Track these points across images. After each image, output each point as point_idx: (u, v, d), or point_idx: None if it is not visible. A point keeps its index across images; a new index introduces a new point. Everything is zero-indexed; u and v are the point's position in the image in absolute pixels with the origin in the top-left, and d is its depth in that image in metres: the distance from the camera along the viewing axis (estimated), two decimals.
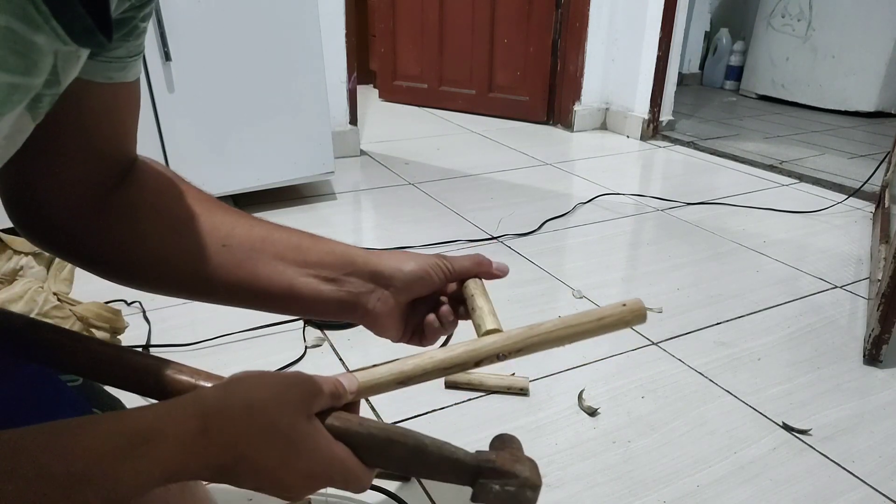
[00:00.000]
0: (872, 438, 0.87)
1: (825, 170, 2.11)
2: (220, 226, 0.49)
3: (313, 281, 0.50)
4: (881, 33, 2.86)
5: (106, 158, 0.46)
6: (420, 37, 2.94)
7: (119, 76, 0.42)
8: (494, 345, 0.51)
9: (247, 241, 0.49)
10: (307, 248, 0.51)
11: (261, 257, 0.49)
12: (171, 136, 1.44)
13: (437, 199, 1.79)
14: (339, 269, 0.50)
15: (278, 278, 0.49)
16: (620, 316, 0.52)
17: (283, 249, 0.49)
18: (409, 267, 0.51)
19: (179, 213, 0.48)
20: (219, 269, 0.48)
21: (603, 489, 0.77)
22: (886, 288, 1.00)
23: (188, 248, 0.47)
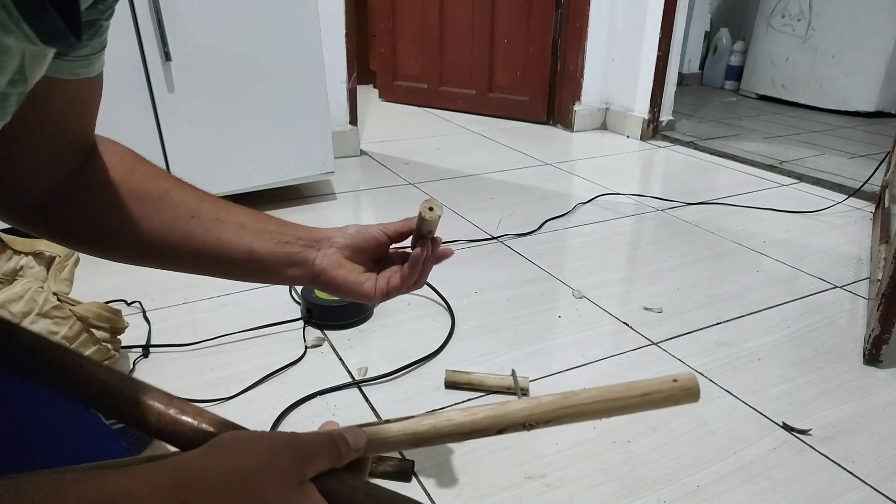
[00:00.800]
0: (872, 438, 0.87)
1: (825, 170, 2.11)
2: (188, 200, 0.53)
3: (269, 244, 0.55)
4: (881, 33, 2.86)
5: (70, 143, 0.48)
6: (420, 37, 2.94)
7: (84, 72, 0.43)
8: (521, 412, 0.45)
9: (213, 212, 0.53)
10: (265, 219, 0.57)
11: (225, 226, 0.54)
12: (171, 136, 1.44)
13: (437, 199, 1.79)
14: (290, 235, 0.57)
15: (240, 242, 0.54)
16: (669, 393, 0.45)
17: (244, 219, 0.55)
18: (349, 230, 0.59)
19: (148, 190, 0.51)
20: (188, 238, 0.52)
21: (603, 489, 0.77)
22: (886, 288, 1.00)
23: (159, 221, 0.51)
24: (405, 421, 0.47)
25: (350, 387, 0.95)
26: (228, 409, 0.89)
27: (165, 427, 0.41)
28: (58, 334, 0.85)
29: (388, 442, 0.46)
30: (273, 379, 0.97)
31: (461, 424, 0.46)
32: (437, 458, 0.81)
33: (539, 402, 0.46)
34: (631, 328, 1.14)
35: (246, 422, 0.53)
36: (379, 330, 1.12)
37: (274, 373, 0.98)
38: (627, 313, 1.19)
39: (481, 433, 0.46)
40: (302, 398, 0.91)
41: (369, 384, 0.96)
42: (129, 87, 1.36)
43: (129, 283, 1.22)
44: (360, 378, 0.97)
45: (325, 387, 0.94)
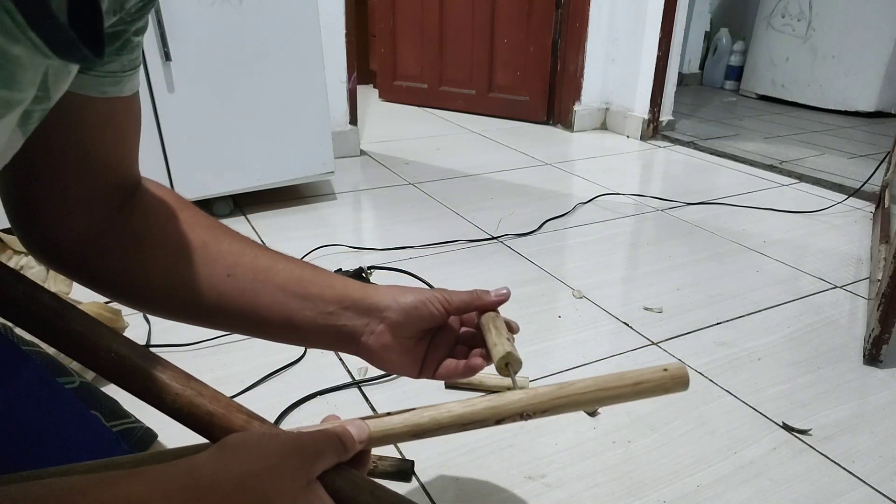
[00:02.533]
0: (872, 438, 0.87)
1: (825, 170, 2.11)
2: (226, 255, 0.49)
3: (310, 314, 0.50)
4: (881, 33, 2.86)
5: (106, 178, 0.46)
6: (420, 37, 2.94)
7: (114, 91, 0.42)
8: (519, 402, 0.47)
9: (251, 271, 0.49)
10: (308, 281, 0.51)
11: (263, 288, 0.49)
12: (171, 136, 1.44)
13: (437, 199, 1.79)
14: (335, 303, 0.51)
15: (279, 309, 0.49)
16: (660, 382, 0.48)
17: (285, 281, 0.50)
18: (405, 299, 0.51)
19: (186, 242, 0.48)
20: (222, 298, 0.48)
21: (603, 489, 0.77)
22: (886, 288, 1.00)
23: (194, 278, 0.48)
24: (406, 413, 0.48)
25: (350, 387, 0.95)
26: None
27: (182, 408, 0.42)
28: None
29: (390, 434, 0.47)
30: (273, 379, 0.97)
31: (461, 415, 0.48)
32: (437, 458, 0.81)
33: (536, 392, 0.47)
34: (631, 328, 1.14)
35: None
36: None
37: (274, 373, 0.98)
38: (627, 313, 1.19)
39: (481, 423, 0.48)
40: (302, 398, 0.91)
41: (369, 384, 0.96)
42: None
43: None
44: (361, 378, 0.97)
45: (326, 387, 0.94)
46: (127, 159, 0.48)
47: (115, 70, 0.41)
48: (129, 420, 0.49)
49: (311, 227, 1.57)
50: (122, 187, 0.47)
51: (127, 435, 0.48)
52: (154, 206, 0.49)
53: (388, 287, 0.53)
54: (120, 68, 0.41)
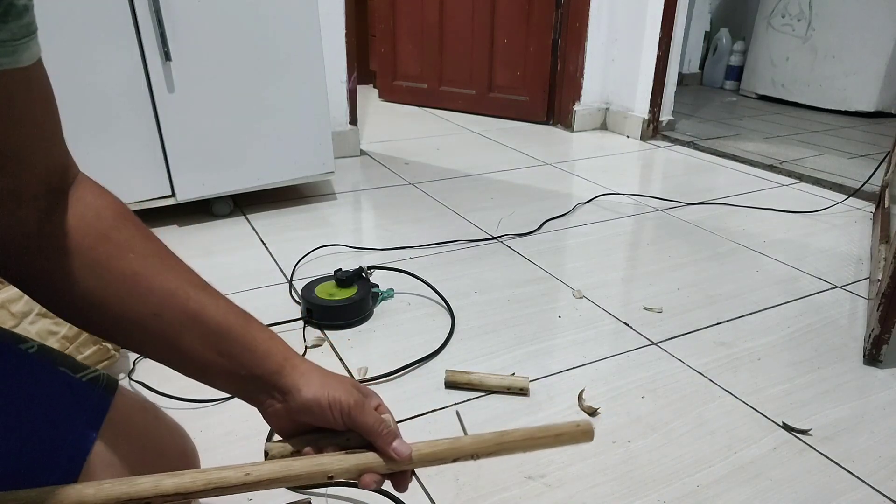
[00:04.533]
0: (872, 438, 0.87)
1: (825, 170, 2.11)
2: (156, 291, 0.47)
3: (223, 369, 0.50)
4: (881, 33, 2.86)
5: (26, 167, 0.43)
6: (420, 37, 2.94)
7: (8, 62, 0.39)
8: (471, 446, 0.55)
9: (179, 314, 0.48)
10: (231, 339, 0.50)
11: (187, 334, 0.48)
12: (171, 136, 1.44)
13: (437, 199, 1.79)
14: (249, 368, 0.51)
15: (195, 356, 0.49)
16: (572, 434, 0.60)
17: (209, 332, 0.49)
18: (309, 393, 0.51)
19: (116, 270, 0.46)
20: (145, 334, 0.48)
21: (603, 489, 0.77)
22: (886, 288, 1.00)
23: (118, 309, 0.46)
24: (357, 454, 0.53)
25: None
26: (228, 408, 0.89)
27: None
28: (58, 334, 0.85)
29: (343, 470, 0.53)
30: None
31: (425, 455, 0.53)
32: None
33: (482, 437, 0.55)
34: (631, 328, 1.14)
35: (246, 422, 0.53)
36: (379, 330, 1.12)
37: None
38: (627, 313, 1.19)
39: (440, 461, 0.54)
40: None
41: (369, 384, 0.96)
42: (129, 87, 1.36)
43: None
44: (361, 378, 0.97)
45: None
46: (45, 144, 0.44)
47: (5, 39, 0.38)
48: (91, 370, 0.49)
49: (311, 227, 1.57)
50: (48, 179, 0.44)
51: (95, 382, 0.48)
52: (87, 221, 0.46)
53: (307, 369, 0.53)
54: (10, 36, 0.38)
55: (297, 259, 1.37)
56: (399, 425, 0.87)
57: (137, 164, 1.42)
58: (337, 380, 0.53)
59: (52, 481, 0.42)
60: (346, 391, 0.52)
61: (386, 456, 0.52)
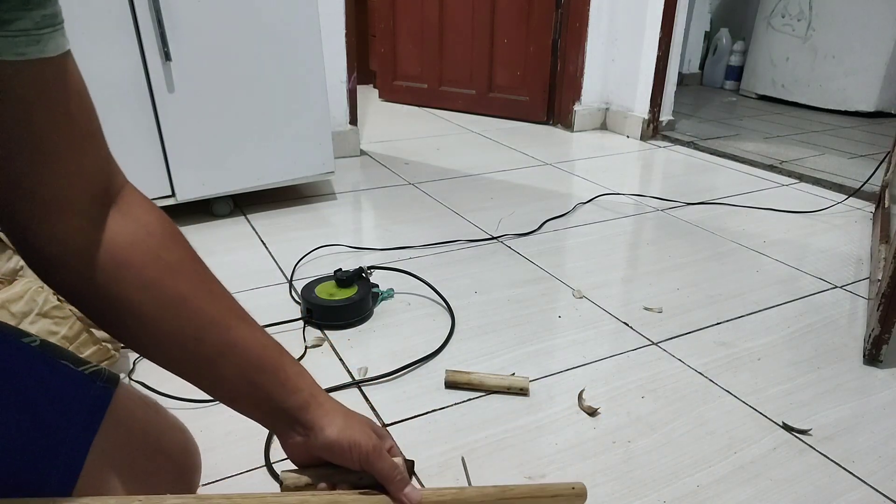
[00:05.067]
0: (872, 438, 0.87)
1: (825, 170, 2.11)
2: (201, 317, 0.49)
3: (252, 401, 0.53)
4: (881, 33, 2.86)
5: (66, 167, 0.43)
6: (420, 37, 2.94)
7: (34, 51, 0.39)
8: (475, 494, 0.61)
9: (219, 343, 0.50)
10: (264, 372, 0.52)
11: (225, 362, 0.50)
12: (171, 136, 1.44)
13: (437, 199, 1.79)
14: (277, 401, 0.53)
15: (227, 384, 0.52)
16: (568, 497, 0.67)
17: (246, 364, 0.51)
18: (332, 434, 0.53)
19: (165, 292, 0.47)
20: (182, 354, 0.49)
21: (603, 489, 0.77)
22: (886, 288, 1.00)
23: (162, 330, 0.48)
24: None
25: (350, 387, 0.95)
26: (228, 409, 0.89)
27: None
28: (58, 334, 0.85)
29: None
30: None
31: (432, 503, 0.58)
32: (438, 458, 0.81)
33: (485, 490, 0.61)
34: (631, 328, 1.14)
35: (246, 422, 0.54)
36: (379, 330, 1.12)
37: None
38: (627, 313, 1.19)
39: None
40: None
41: (369, 384, 0.96)
42: (129, 87, 1.36)
43: None
44: (361, 378, 0.97)
45: (326, 387, 0.94)
46: (84, 144, 0.44)
47: (28, 28, 0.38)
48: (93, 364, 0.50)
49: (311, 227, 1.57)
50: (92, 187, 0.44)
51: (96, 376, 0.49)
52: (138, 238, 0.46)
53: (331, 409, 0.55)
54: (33, 25, 0.38)
55: (297, 259, 1.37)
56: (399, 425, 0.87)
57: (137, 164, 1.42)
58: (357, 421, 0.56)
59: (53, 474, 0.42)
60: (365, 435, 0.54)
61: (398, 501, 0.55)
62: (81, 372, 0.48)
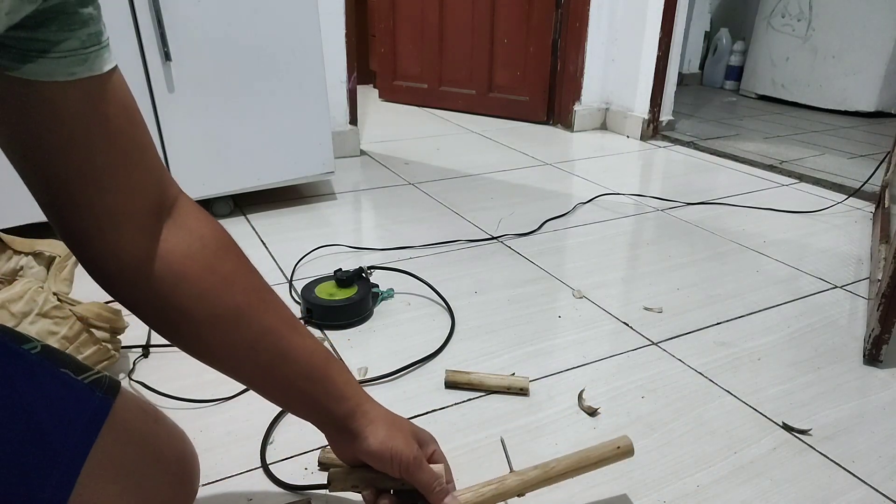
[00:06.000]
0: (872, 438, 0.87)
1: (825, 170, 2.11)
2: (255, 327, 0.51)
3: (301, 406, 0.56)
4: (881, 33, 2.86)
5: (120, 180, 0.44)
6: (420, 37, 2.94)
7: (82, 70, 0.40)
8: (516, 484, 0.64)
9: (272, 352, 0.52)
10: (313, 381, 0.55)
11: (273, 369, 0.52)
12: (171, 136, 1.44)
13: (437, 199, 1.79)
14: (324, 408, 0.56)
15: (277, 389, 0.54)
16: (615, 453, 0.69)
17: (293, 372, 0.54)
18: (374, 445, 0.56)
19: (221, 304, 0.48)
20: (235, 361, 0.52)
21: (603, 489, 0.77)
22: (886, 288, 1.00)
23: (217, 339, 0.50)
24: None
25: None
26: (228, 408, 0.89)
27: None
28: (58, 334, 0.85)
29: None
30: None
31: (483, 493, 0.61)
32: None
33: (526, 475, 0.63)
34: (631, 328, 1.14)
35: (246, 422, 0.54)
36: (379, 330, 1.12)
37: None
38: (627, 313, 1.19)
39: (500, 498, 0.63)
40: None
41: (369, 384, 0.96)
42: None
43: None
44: (361, 378, 0.97)
45: None
46: (137, 157, 0.45)
47: (76, 48, 0.40)
48: (94, 371, 0.50)
49: (311, 227, 1.57)
50: (147, 199, 0.45)
51: (97, 384, 0.49)
52: (194, 249, 0.47)
53: (376, 417, 0.58)
54: (80, 45, 0.40)
55: (297, 259, 1.37)
56: None
57: None
58: (400, 430, 0.58)
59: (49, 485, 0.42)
60: (407, 445, 0.57)
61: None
62: (81, 381, 0.48)
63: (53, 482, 0.42)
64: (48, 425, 0.44)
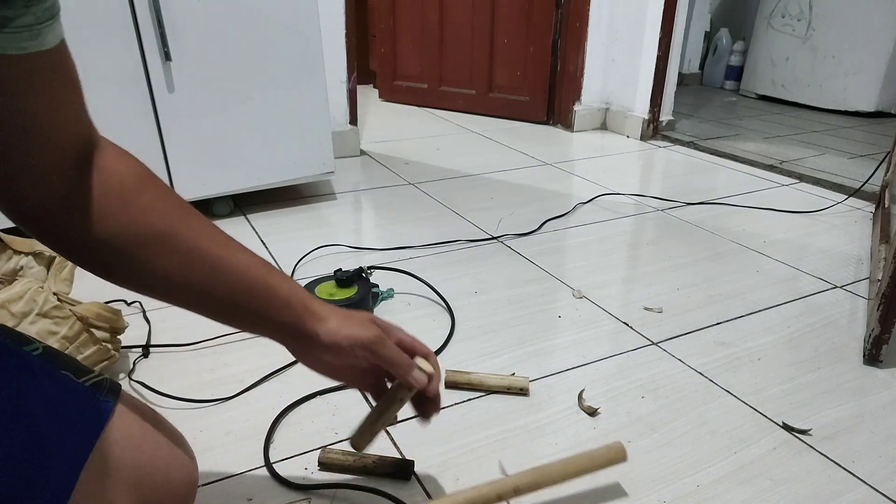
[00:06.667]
0: (872, 438, 0.87)
1: (825, 170, 2.11)
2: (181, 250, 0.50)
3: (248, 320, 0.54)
4: (881, 33, 2.86)
5: (55, 143, 0.44)
6: (420, 37, 2.94)
7: (33, 45, 0.40)
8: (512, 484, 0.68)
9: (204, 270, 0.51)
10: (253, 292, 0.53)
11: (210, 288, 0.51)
12: (171, 136, 1.44)
13: (437, 199, 1.79)
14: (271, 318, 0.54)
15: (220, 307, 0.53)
16: (607, 456, 0.72)
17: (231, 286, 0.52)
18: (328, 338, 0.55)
19: (143, 232, 0.48)
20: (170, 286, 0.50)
21: (603, 489, 0.77)
22: (886, 288, 1.00)
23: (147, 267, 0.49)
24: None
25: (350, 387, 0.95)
26: (228, 408, 0.89)
27: None
28: (58, 334, 0.85)
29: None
30: (273, 379, 0.97)
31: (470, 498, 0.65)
32: (438, 458, 0.81)
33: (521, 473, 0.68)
34: (631, 328, 1.14)
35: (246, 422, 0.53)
36: None
37: (274, 373, 0.98)
38: (627, 313, 1.19)
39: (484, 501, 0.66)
40: (302, 398, 0.91)
41: None
42: (129, 87, 1.36)
43: None
44: None
45: (326, 387, 0.94)
46: (70, 121, 0.46)
47: (30, 23, 0.39)
48: (95, 374, 0.50)
49: (311, 227, 1.57)
50: (75, 151, 0.46)
51: (98, 387, 0.49)
52: (110, 187, 0.48)
53: (325, 314, 0.56)
54: (34, 21, 0.40)
55: (297, 259, 1.37)
56: (399, 425, 0.87)
57: None
58: (355, 318, 0.57)
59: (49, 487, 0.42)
60: (363, 328, 0.56)
61: (407, 385, 0.58)
62: (82, 384, 0.48)
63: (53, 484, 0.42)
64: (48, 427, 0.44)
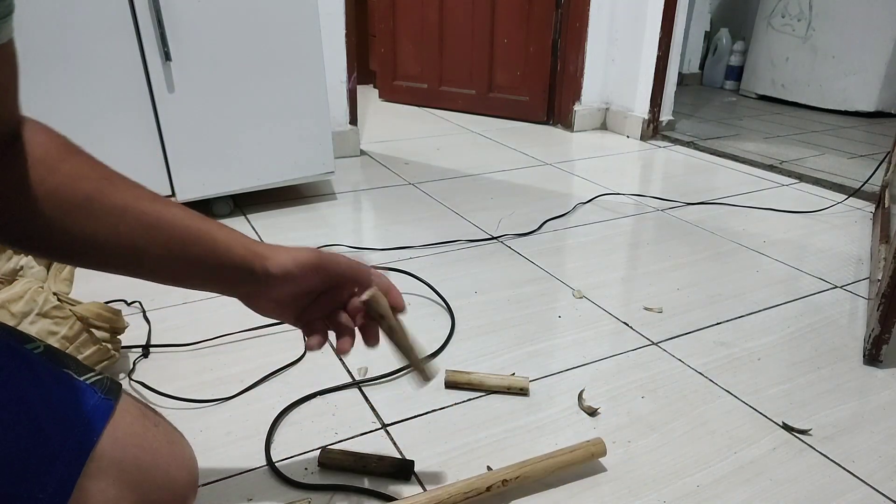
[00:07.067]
0: (872, 438, 0.87)
1: (825, 170, 2.11)
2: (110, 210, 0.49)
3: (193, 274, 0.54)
4: (881, 33, 2.86)
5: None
6: (420, 37, 2.94)
7: None
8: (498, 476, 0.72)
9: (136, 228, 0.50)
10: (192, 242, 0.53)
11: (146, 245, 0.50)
12: (171, 136, 1.44)
13: (437, 199, 1.79)
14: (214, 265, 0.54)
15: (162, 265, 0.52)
16: (587, 450, 0.78)
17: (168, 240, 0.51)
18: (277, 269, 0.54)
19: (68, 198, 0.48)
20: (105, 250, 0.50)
21: (603, 489, 0.77)
22: (886, 288, 1.00)
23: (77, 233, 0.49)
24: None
25: (350, 387, 0.95)
26: (228, 408, 0.89)
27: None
28: (58, 334, 0.85)
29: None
30: (273, 379, 0.97)
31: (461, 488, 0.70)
32: (437, 458, 0.81)
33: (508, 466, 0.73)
34: (631, 328, 1.14)
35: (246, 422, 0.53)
36: None
37: (274, 373, 0.98)
38: (627, 313, 1.19)
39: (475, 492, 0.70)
40: (302, 398, 0.91)
41: (369, 384, 0.96)
42: (129, 87, 1.36)
43: (129, 283, 1.22)
44: (361, 378, 0.97)
45: (326, 387, 0.94)
46: (7, 101, 0.47)
47: None
48: (96, 373, 0.50)
49: (311, 227, 1.57)
50: (6, 137, 0.47)
51: (98, 385, 0.49)
52: (36, 157, 0.48)
53: (269, 251, 0.55)
54: None
55: None
56: (399, 425, 0.87)
57: (137, 164, 1.42)
58: (300, 248, 0.56)
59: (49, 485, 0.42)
60: (310, 252, 0.56)
61: (369, 285, 0.59)
62: (83, 382, 0.48)
63: (54, 482, 0.42)
64: (49, 425, 0.44)
